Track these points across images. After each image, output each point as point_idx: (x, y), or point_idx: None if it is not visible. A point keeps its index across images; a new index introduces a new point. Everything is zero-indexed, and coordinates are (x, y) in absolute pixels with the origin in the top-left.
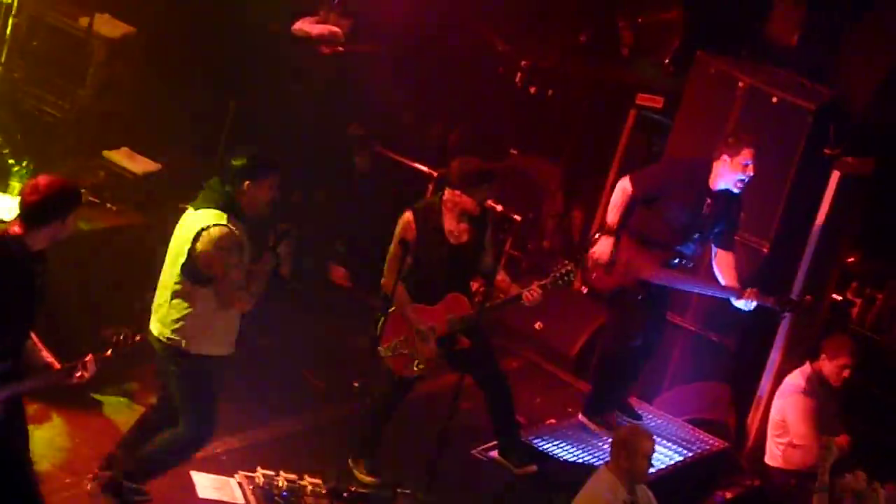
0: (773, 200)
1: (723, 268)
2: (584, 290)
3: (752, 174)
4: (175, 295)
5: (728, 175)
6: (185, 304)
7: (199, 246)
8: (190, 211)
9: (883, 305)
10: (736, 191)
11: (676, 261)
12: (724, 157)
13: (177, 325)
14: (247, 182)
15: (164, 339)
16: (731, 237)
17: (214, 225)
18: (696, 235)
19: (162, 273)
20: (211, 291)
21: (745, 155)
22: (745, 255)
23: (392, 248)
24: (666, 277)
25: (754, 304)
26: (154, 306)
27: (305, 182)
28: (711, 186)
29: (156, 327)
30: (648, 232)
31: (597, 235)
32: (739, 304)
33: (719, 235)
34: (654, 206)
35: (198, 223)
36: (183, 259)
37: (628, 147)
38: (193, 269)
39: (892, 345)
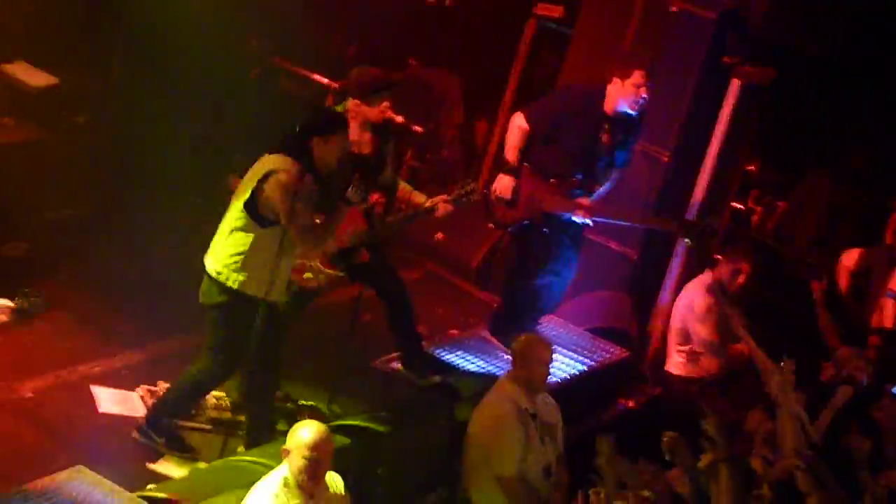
0: (674, 110)
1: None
2: (491, 226)
3: (645, 96)
4: (233, 231)
5: (621, 99)
6: (241, 242)
7: (265, 187)
8: (266, 155)
9: (784, 213)
10: (632, 113)
11: (579, 191)
12: (616, 79)
13: (229, 261)
14: (315, 138)
15: (214, 273)
16: (626, 159)
17: (283, 170)
18: (600, 164)
19: (228, 209)
20: (269, 233)
21: (637, 77)
22: (647, 164)
23: None
24: (574, 208)
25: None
26: (213, 241)
27: (204, 95)
28: (608, 112)
29: (209, 261)
30: (549, 164)
31: (501, 173)
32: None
33: (620, 163)
34: (551, 137)
35: (268, 165)
36: (246, 197)
37: (528, 57)
38: (255, 208)
39: (791, 252)
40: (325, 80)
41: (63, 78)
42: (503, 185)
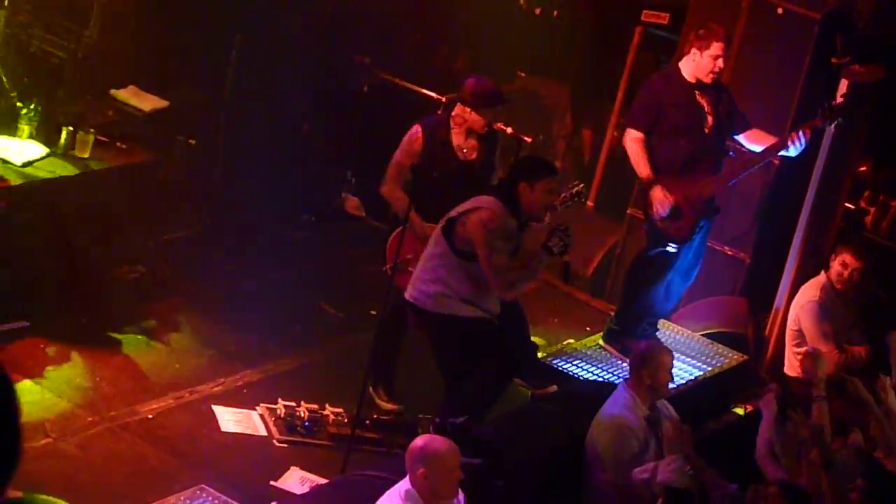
0: (783, 112)
1: (758, 140)
2: (673, 248)
3: (721, 67)
4: (430, 256)
5: (699, 69)
6: (440, 269)
7: (467, 221)
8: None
9: None
10: (709, 82)
11: (726, 156)
12: (694, 50)
13: (424, 287)
14: (522, 183)
15: (409, 297)
16: (742, 117)
17: (486, 208)
18: (716, 131)
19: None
20: (467, 267)
21: (716, 48)
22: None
23: (396, 155)
24: (727, 177)
25: (806, 138)
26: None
27: (313, 113)
28: (691, 81)
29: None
30: (678, 159)
31: (647, 192)
32: (793, 149)
33: (733, 124)
34: (659, 133)
35: (471, 204)
36: (444, 224)
37: (636, 65)
38: (452, 236)
39: None
40: (433, 94)
41: (173, 100)
42: (658, 200)
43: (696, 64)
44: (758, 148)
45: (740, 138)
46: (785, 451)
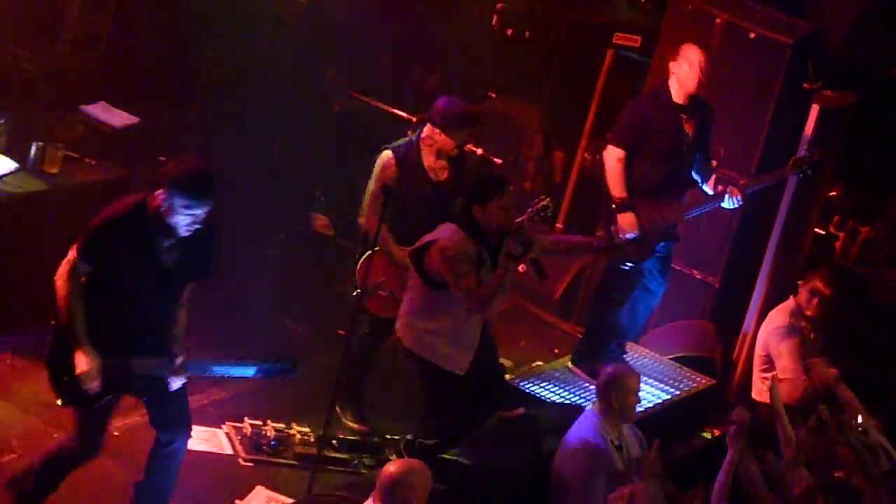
0: (753, 136)
1: (704, 177)
2: (629, 266)
3: (705, 70)
4: (410, 289)
5: (685, 81)
6: (418, 302)
7: (429, 255)
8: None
9: (869, 238)
10: (697, 90)
11: (684, 195)
12: (673, 64)
13: (409, 321)
14: (474, 205)
15: (398, 332)
16: (707, 149)
17: (443, 237)
18: (692, 156)
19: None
20: (443, 297)
21: (690, 52)
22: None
23: (371, 187)
24: (688, 208)
25: (746, 193)
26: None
27: (283, 131)
28: (679, 101)
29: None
30: (653, 181)
31: (616, 213)
32: (729, 203)
33: (700, 153)
34: (639, 153)
35: (432, 236)
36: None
37: (607, 87)
38: (424, 273)
39: (877, 278)
40: (405, 114)
41: (143, 116)
42: (627, 222)
43: (680, 76)
44: (701, 179)
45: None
46: (751, 484)
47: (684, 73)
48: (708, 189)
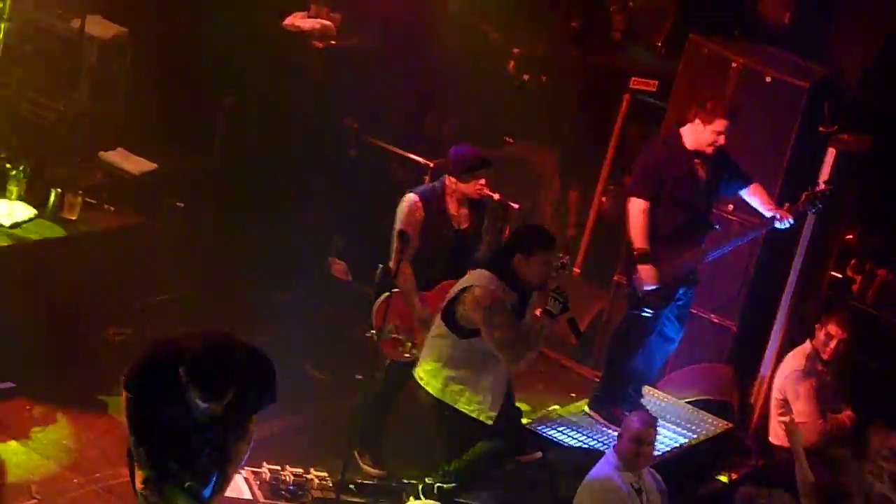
0: (770, 180)
1: (759, 199)
2: (649, 313)
3: (722, 143)
4: (434, 337)
5: (700, 139)
6: (443, 350)
7: (458, 306)
8: (473, 270)
9: (886, 280)
10: (709, 153)
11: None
12: (698, 121)
13: (428, 367)
14: (518, 255)
15: (417, 377)
16: (743, 174)
17: (479, 285)
18: (708, 203)
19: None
20: (470, 345)
21: (719, 125)
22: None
23: (400, 228)
24: (708, 251)
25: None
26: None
27: (301, 177)
28: (690, 148)
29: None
30: (671, 228)
31: (637, 263)
32: (782, 225)
33: (734, 183)
34: (659, 200)
35: (470, 280)
36: (444, 306)
37: (623, 132)
38: (452, 318)
39: (893, 320)
40: (421, 160)
41: (161, 163)
42: (648, 275)
43: (698, 135)
44: (758, 206)
45: (744, 193)
46: None
47: (704, 135)
48: (765, 212)
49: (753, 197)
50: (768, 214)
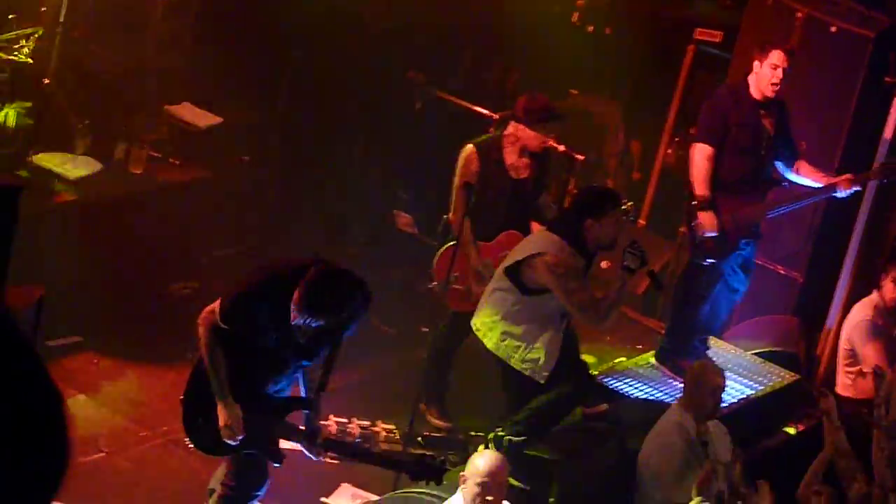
0: (836, 130)
1: (809, 173)
2: (709, 262)
3: (781, 77)
4: (494, 291)
5: (761, 81)
6: (503, 305)
7: (534, 264)
8: (541, 228)
9: None
10: (771, 96)
11: (776, 183)
12: (756, 63)
13: (487, 320)
14: (588, 219)
15: (474, 329)
16: (793, 148)
17: (550, 252)
18: (772, 154)
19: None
20: (536, 302)
21: (774, 56)
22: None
23: (457, 181)
24: (772, 206)
25: (854, 189)
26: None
27: (366, 130)
28: (756, 97)
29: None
30: (733, 178)
31: (699, 210)
32: (842, 194)
33: (786, 150)
34: (722, 148)
35: (538, 245)
36: (510, 265)
37: (688, 83)
38: (518, 276)
39: None
40: (486, 112)
41: (227, 117)
42: (708, 222)
43: (759, 79)
44: (802, 180)
45: (782, 166)
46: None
47: (763, 73)
48: (813, 183)
49: (800, 175)
50: (822, 185)
